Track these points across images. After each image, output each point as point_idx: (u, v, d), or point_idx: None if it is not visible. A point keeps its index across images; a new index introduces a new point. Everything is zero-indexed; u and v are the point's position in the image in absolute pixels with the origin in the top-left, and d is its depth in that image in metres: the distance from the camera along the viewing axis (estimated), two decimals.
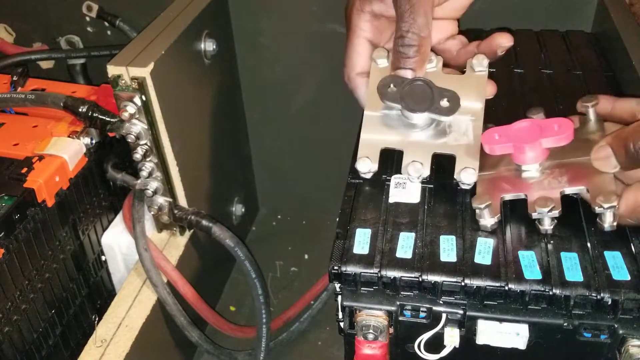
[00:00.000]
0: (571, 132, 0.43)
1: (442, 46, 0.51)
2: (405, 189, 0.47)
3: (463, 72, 0.49)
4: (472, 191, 0.45)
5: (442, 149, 0.46)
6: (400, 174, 0.47)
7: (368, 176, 0.47)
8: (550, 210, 0.41)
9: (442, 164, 0.49)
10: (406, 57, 0.46)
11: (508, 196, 0.43)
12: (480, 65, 0.47)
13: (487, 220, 0.43)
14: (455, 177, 0.45)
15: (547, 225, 0.42)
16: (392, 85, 0.46)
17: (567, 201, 0.42)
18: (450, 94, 0.46)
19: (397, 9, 0.46)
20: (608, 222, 0.41)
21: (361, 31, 0.50)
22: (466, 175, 0.44)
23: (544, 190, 0.42)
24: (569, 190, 0.42)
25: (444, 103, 0.45)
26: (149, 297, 0.60)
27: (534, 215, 0.42)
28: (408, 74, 0.46)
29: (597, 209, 0.40)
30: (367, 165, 0.46)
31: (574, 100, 0.55)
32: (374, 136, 0.47)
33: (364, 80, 0.50)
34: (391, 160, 0.49)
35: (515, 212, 0.44)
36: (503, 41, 0.48)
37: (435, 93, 0.46)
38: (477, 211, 0.43)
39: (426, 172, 0.45)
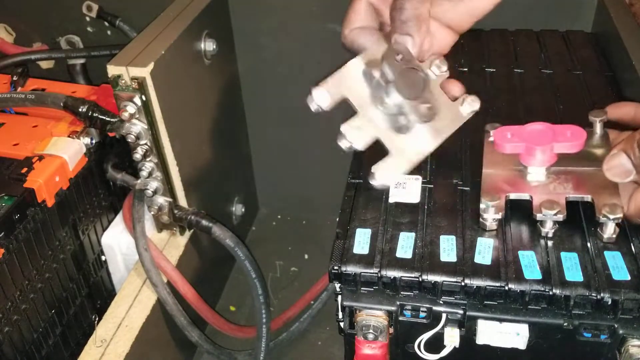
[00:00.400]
0: (583, 141, 0.43)
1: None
2: (405, 189, 0.47)
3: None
4: (475, 190, 0.45)
5: (387, 140, 0.43)
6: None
7: (314, 111, 0.44)
8: (556, 214, 0.41)
9: (442, 164, 0.49)
10: (401, 21, 0.43)
11: (513, 195, 0.43)
12: (469, 106, 0.45)
13: (491, 216, 0.43)
14: (372, 168, 0.43)
15: (548, 228, 0.42)
16: (399, 58, 0.43)
17: (568, 201, 0.42)
18: (435, 104, 0.44)
19: None
20: (608, 233, 0.41)
21: None
22: (382, 174, 0.42)
23: (549, 194, 0.42)
24: (574, 197, 0.42)
25: (423, 108, 0.43)
26: (149, 297, 0.60)
27: (539, 217, 0.42)
28: (406, 40, 0.43)
29: (602, 219, 0.41)
30: (324, 98, 0.43)
31: (574, 100, 0.55)
32: (347, 81, 0.44)
33: (359, 30, 0.47)
34: None
35: (516, 212, 0.44)
36: (455, 90, 0.46)
37: (425, 93, 0.44)
38: (483, 207, 0.43)
39: (359, 144, 0.43)
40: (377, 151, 0.46)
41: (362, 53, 0.45)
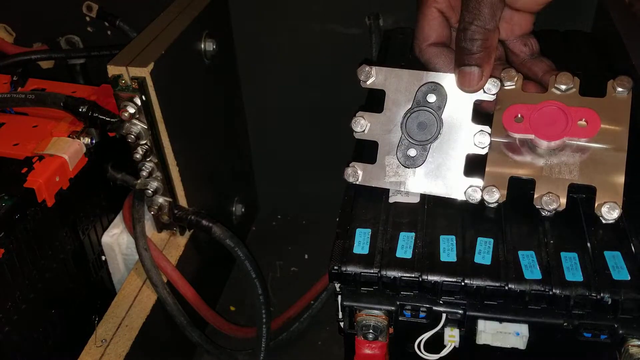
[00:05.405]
0: (597, 130, 0.42)
1: (511, 45, 0.47)
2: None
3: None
4: (482, 163, 0.45)
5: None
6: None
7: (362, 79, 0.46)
8: (555, 208, 0.42)
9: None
10: (470, 52, 0.42)
11: (517, 174, 0.44)
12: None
13: (494, 196, 0.43)
14: (353, 162, 0.47)
15: (547, 214, 0.43)
16: (432, 96, 0.45)
17: (568, 201, 0.43)
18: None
19: None
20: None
21: (434, 2, 0.46)
22: (358, 175, 0.46)
23: (553, 181, 0.43)
24: (577, 182, 0.42)
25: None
26: (149, 297, 0.60)
27: (538, 206, 0.43)
28: (474, 71, 0.43)
29: (600, 217, 0.42)
30: (368, 74, 0.46)
31: None
32: (395, 83, 0.46)
33: (437, 50, 0.46)
34: None
35: (516, 211, 0.44)
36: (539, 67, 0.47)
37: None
38: (487, 187, 0.43)
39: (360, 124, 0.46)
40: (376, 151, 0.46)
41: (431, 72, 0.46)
